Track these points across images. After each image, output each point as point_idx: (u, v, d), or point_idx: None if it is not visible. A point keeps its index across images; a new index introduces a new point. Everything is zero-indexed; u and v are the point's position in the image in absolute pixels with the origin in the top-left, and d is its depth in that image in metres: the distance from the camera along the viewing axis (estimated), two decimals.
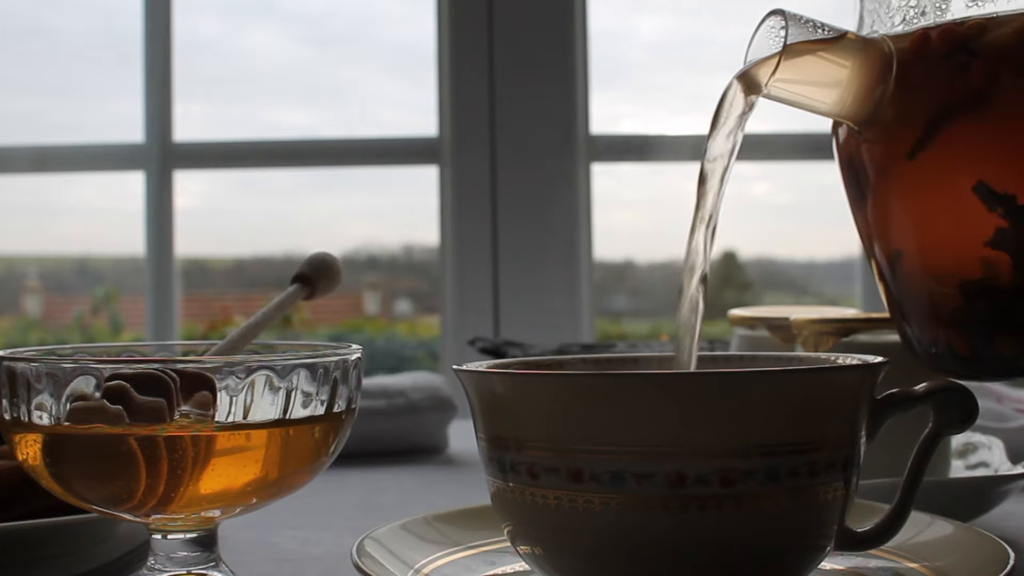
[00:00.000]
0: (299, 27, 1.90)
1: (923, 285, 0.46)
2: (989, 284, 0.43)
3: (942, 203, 0.44)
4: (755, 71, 0.44)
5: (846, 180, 0.49)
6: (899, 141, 0.45)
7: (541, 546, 0.39)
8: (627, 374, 0.42)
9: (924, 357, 0.47)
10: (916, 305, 0.46)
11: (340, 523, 0.61)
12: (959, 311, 0.44)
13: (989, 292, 0.43)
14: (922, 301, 0.46)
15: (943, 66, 0.43)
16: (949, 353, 0.46)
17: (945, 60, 0.43)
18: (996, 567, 0.38)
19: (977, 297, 0.43)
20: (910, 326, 0.48)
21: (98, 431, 0.38)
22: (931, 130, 0.43)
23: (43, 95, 1.85)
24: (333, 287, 0.52)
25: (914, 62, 0.44)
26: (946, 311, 0.45)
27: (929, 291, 0.45)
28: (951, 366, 0.46)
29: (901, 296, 0.47)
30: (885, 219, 0.47)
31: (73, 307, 1.97)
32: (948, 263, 0.44)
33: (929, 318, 0.46)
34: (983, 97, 0.42)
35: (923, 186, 0.45)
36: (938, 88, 0.43)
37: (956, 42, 0.42)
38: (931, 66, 0.43)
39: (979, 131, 0.42)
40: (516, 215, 1.60)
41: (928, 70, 0.43)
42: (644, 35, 1.85)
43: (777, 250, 1.94)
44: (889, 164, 0.46)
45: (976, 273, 0.43)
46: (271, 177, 1.88)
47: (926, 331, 0.46)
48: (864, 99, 0.45)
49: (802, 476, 0.36)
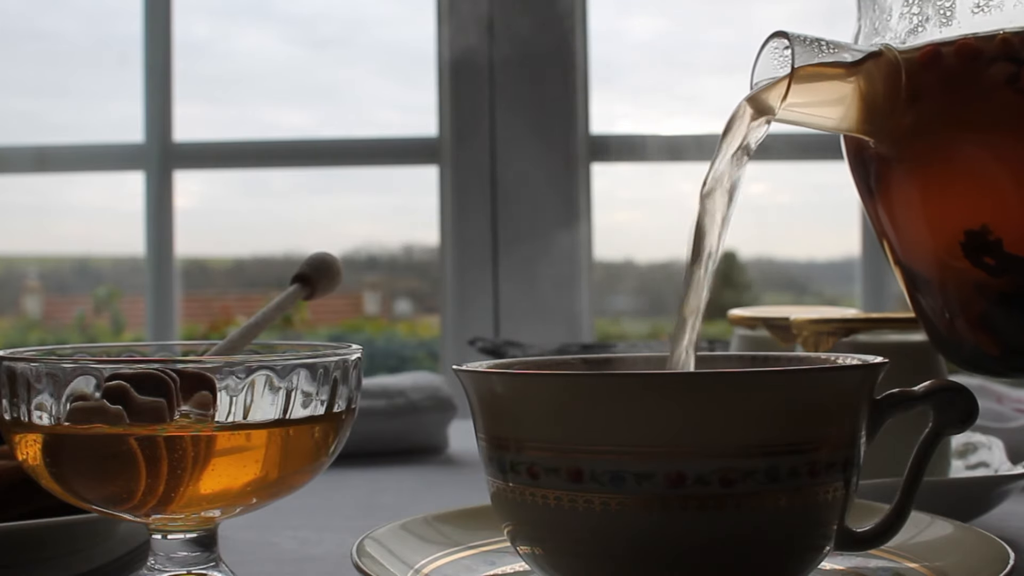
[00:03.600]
0: (299, 28, 1.90)
1: (943, 287, 0.46)
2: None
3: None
4: (764, 95, 0.44)
5: (858, 182, 0.49)
6: (918, 152, 0.44)
7: (541, 546, 0.39)
8: (627, 374, 0.42)
9: (956, 359, 0.47)
10: (944, 307, 0.46)
11: (340, 523, 0.61)
12: (985, 313, 0.44)
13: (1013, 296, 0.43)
14: (950, 303, 0.46)
15: (982, 76, 0.42)
16: (980, 353, 0.45)
17: (987, 69, 0.42)
18: (996, 567, 0.38)
19: (1000, 300, 0.43)
20: (937, 327, 0.47)
21: (98, 431, 0.38)
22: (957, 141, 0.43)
23: (43, 95, 1.85)
24: (333, 287, 0.52)
25: (941, 73, 0.43)
26: (973, 313, 0.45)
27: (950, 292, 0.45)
28: (984, 367, 0.46)
29: (925, 296, 0.47)
30: (909, 222, 0.47)
31: (73, 307, 1.97)
32: (967, 268, 0.44)
33: (956, 319, 0.46)
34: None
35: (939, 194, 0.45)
36: (978, 98, 0.43)
37: (999, 52, 0.42)
38: (969, 76, 0.43)
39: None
40: (516, 215, 1.60)
41: (963, 80, 0.43)
42: (637, 36, 1.85)
43: (777, 250, 1.94)
44: (907, 171, 0.45)
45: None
46: (271, 177, 1.88)
47: (954, 332, 0.46)
48: (873, 113, 0.45)
49: (802, 476, 0.36)
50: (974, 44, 0.42)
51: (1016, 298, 0.43)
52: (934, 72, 0.43)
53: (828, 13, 1.62)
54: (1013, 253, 0.42)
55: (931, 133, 0.44)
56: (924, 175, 0.45)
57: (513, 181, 1.60)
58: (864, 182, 0.49)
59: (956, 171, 0.44)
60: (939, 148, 0.44)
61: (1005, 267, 0.43)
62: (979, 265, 0.43)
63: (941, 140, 0.44)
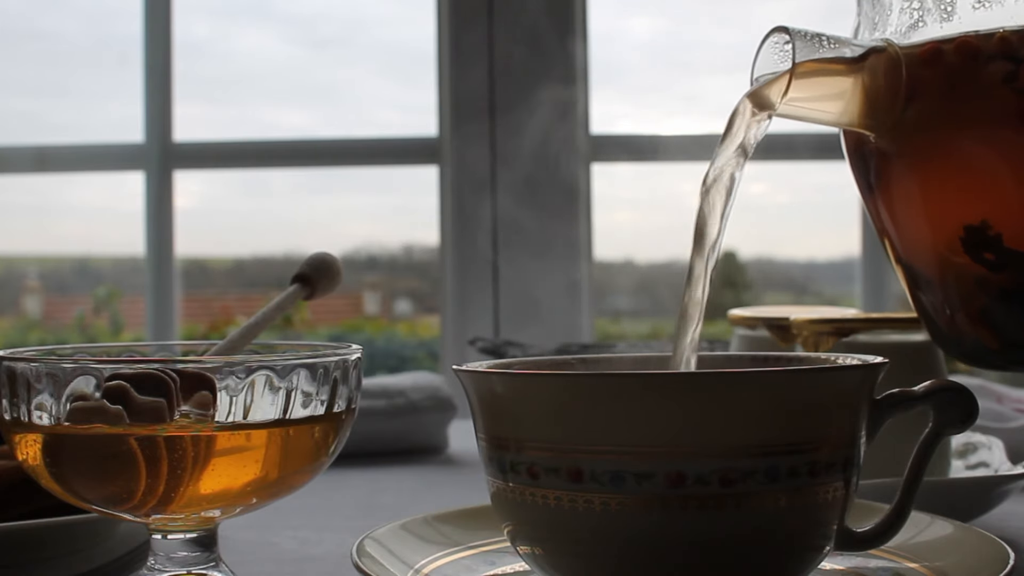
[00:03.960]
0: (299, 28, 1.90)
1: (943, 282, 0.46)
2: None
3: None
4: (765, 91, 0.44)
5: (858, 178, 0.49)
6: (918, 147, 0.44)
7: (541, 546, 0.39)
8: (627, 374, 0.42)
9: (957, 354, 0.48)
10: (945, 302, 0.46)
11: (340, 523, 0.61)
12: (985, 308, 0.44)
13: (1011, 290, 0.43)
14: (950, 297, 0.46)
15: (981, 74, 0.42)
16: (981, 347, 0.46)
17: (985, 67, 0.42)
18: (996, 567, 0.38)
19: (1000, 295, 0.44)
20: (938, 323, 0.47)
21: (98, 431, 0.38)
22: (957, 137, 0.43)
23: (43, 95, 1.85)
24: (333, 287, 0.52)
25: (942, 70, 0.44)
26: (974, 309, 0.45)
27: (950, 287, 0.45)
28: (985, 360, 0.46)
29: (926, 292, 0.47)
30: (909, 218, 0.47)
31: (73, 307, 1.97)
32: (966, 262, 0.44)
33: (956, 315, 0.46)
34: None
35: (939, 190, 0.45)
36: (977, 96, 0.43)
37: (997, 51, 0.42)
38: (968, 74, 0.43)
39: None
40: (516, 215, 1.60)
41: (963, 78, 0.43)
42: (637, 36, 1.85)
43: (777, 250, 1.94)
44: (907, 166, 0.46)
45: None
46: (271, 177, 1.88)
47: (954, 327, 0.46)
48: (874, 108, 0.45)
49: (802, 476, 0.36)
50: (973, 42, 0.42)
51: (1016, 293, 0.43)
52: (935, 69, 0.43)
53: (827, 12, 1.62)
54: (1013, 248, 0.42)
55: (931, 129, 0.44)
56: (924, 170, 0.45)
57: (513, 180, 1.60)
58: (864, 178, 0.49)
59: (955, 166, 0.44)
60: (939, 144, 0.44)
61: (1005, 262, 0.43)
62: (979, 261, 0.43)
63: (941, 136, 0.44)
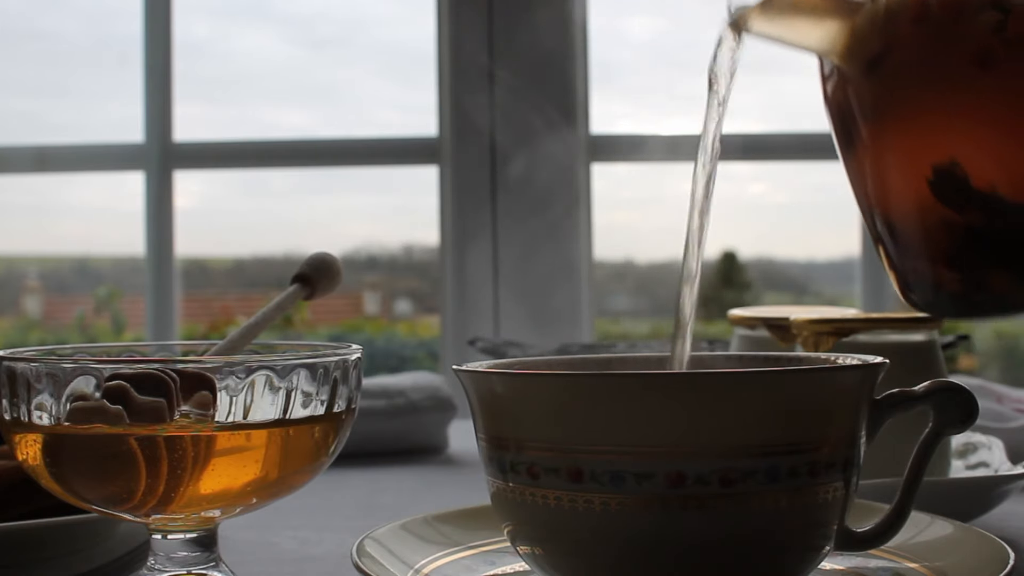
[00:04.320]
0: (298, 28, 1.90)
1: (916, 227, 0.46)
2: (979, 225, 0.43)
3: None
4: (743, 12, 0.44)
5: (836, 130, 0.49)
6: (894, 84, 0.44)
7: (541, 546, 0.39)
8: (627, 374, 0.42)
9: (920, 301, 0.47)
10: (909, 247, 0.46)
11: (340, 523, 0.61)
12: (951, 251, 0.44)
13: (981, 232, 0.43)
14: (915, 242, 0.46)
15: (971, 23, 0.42)
16: (945, 295, 0.45)
17: (975, 16, 0.42)
18: (996, 567, 0.38)
19: (966, 236, 0.43)
20: (904, 270, 0.47)
21: (98, 431, 0.38)
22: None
23: (43, 95, 1.85)
24: (333, 287, 0.52)
25: (930, 10, 0.44)
26: (940, 252, 0.44)
27: (922, 233, 0.45)
28: (947, 308, 0.46)
29: (895, 239, 0.47)
30: (881, 163, 0.47)
31: (73, 307, 1.97)
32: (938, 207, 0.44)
33: (923, 259, 0.46)
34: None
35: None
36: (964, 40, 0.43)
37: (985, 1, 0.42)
38: (958, 17, 0.43)
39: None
40: (516, 215, 1.60)
41: (950, 23, 0.43)
42: (637, 36, 1.85)
43: (777, 250, 1.94)
44: (881, 103, 0.46)
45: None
46: (271, 177, 1.88)
47: (921, 273, 0.46)
48: (856, 40, 0.44)
49: (802, 476, 0.36)
50: None
51: (982, 235, 0.43)
52: (919, 11, 0.43)
53: None
54: (979, 188, 0.42)
55: (913, 65, 0.44)
56: (897, 106, 0.45)
57: (513, 181, 1.60)
58: (841, 124, 0.48)
59: (929, 104, 0.44)
60: (917, 81, 0.44)
61: (970, 202, 0.42)
62: (946, 202, 0.43)
63: (921, 73, 0.44)
